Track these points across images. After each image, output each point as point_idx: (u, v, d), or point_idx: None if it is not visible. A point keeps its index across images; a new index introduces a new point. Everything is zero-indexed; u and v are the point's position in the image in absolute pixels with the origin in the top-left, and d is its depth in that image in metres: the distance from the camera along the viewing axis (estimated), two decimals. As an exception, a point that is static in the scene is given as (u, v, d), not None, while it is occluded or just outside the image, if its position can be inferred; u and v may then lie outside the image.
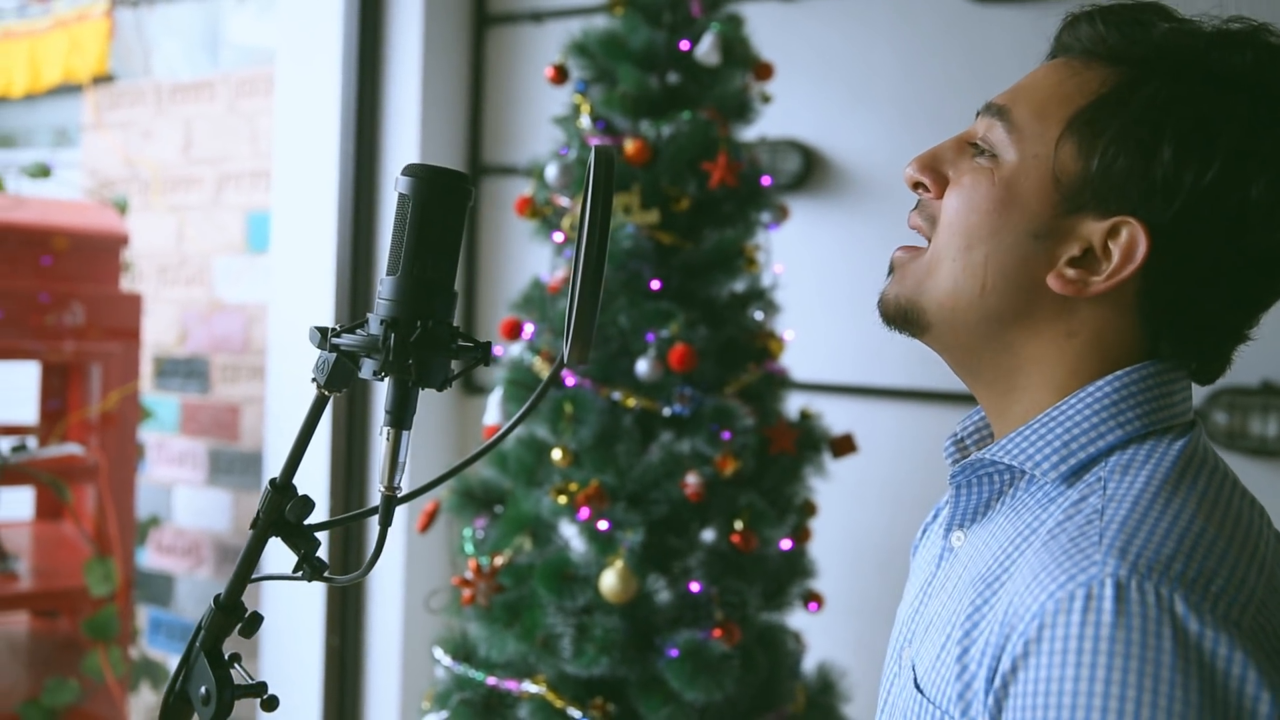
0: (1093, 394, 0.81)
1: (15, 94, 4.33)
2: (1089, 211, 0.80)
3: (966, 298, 0.83)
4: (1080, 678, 0.67)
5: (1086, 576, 0.70)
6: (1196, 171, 0.76)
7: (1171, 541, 0.71)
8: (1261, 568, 0.74)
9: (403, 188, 0.89)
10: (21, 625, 3.43)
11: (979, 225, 0.82)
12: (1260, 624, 0.70)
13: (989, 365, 0.86)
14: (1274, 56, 0.79)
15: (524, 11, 2.98)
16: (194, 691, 1.02)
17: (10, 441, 2.98)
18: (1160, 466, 0.78)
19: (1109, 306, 0.81)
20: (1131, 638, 0.67)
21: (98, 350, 3.01)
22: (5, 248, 2.92)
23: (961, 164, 0.85)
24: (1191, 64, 0.79)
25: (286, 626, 3.07)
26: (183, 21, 3.94)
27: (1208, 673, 0.66)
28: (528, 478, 2.00)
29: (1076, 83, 0.82)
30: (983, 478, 0.87)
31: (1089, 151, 0.79)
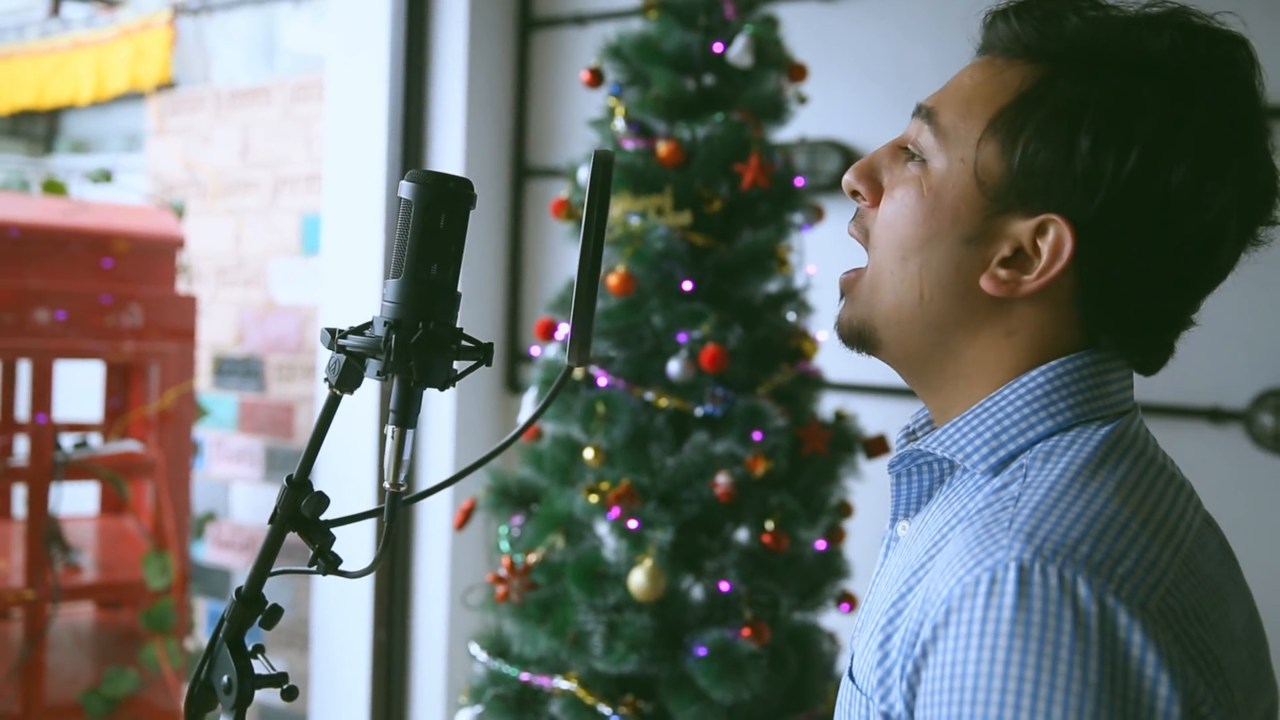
0: (1025, 384, 0.81)
1: (83, 101, 4.47)
2: (1016, 211, 0.80)
3: (909, 310, 0.84)
4: (981, 660, 0.68)
5: (992, 561, 0.70)
6: (1115, 163, 0.76)
7: (1081, 525, 0.71)
8: (1177, 550, 0.73)
9: (405, 193, 0.91)
10: (87, 616, 3.55)
11: (911, 236, 0.83)
12: (1170, 605, 0.69)
13: (935, 371, 0.86)
14: (1191, 37, 0.78)
15: (567, 15, 3.01)
16: (217, 681, 1.05)
17: (73, 439, 3.08)
18: (1081, 453, 0.78)
19: (1045, 303, 0.81)
20: (1032, 619, 0.67)
21: (156, 350, 3.10)
22: (69, 251, 3.02)
23: (896, 171, 0.85)
24: (1107, 54, 0.78)
25: (336, 622, 3.13)
26: (241, 29, 4.03)
27: (1108, 654, 0.66)
28: (562, 476, 2.02)
29: (999, 82, 0.81)
30: (921, 467, 0.87)
31: (1010, 151, 0.79)
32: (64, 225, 3.04)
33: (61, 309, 2.95)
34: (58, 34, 4.57)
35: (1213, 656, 0.70)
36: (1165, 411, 2.29)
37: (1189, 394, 2.28)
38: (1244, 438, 2.23)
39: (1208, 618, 0.72)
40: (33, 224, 3.00)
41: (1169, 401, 2.29)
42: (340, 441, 3.16)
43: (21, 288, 2.91)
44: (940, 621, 0.71)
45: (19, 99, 4.71)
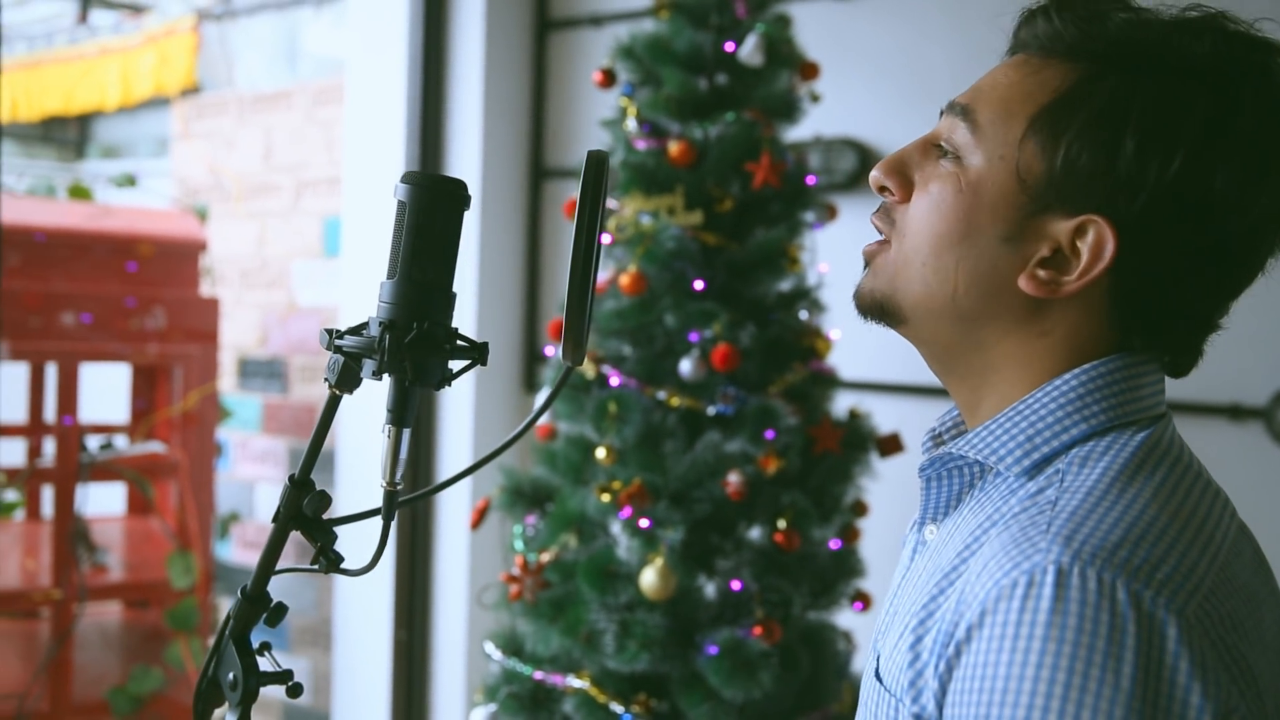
0: (1059, 387, 0.81)
1: (110, 107, 4.53)
2: (1056, 211, 0.79)
3: (939, 300, 0.83)
4: (1014, 661, 0.67)
5: (1030, 564, 0.70)
6: (1160, 166, 0.75)
7: (1119, 530, 0.71)
8: (1214, 558, 0.73)
9: (400, 195, 0.92)
10: (114, 615, 3.60)
11: (948, 232, 0.82)
12: (1207, 612, 0.69)
13: (962, 362, 0.86)
14: (1231, 43, 0.78)
15: (584, 15, 3.02)
16: (223, 677, 1.06)
17: (99, 440, 3.12)
18: (1118, 459, 0.77)
19: (1080, 304, 0.81)
20: (1068, 623, 0.67)
21: (179, 352, 3.14)
22: (94, 255, 3.06)
23: (927, 167, 0.84)
24: (1149, 56, 0.78)
25: (357, 622, 3.16)
26: (264, 33, 4.07)
27: (1143, 659, 0.66)
28: (575, 476, 2.03)
29: (1037, 80, 0.81)
30: (952, 471, 0.87)
31: (1052, 151, 0.78)
32: (89, 229, 3.08)
33: (87, 312, 3.00)
34: (85, 41, 4.63)
35: (1246, 665, 0.70)
36: (1185, 409, 2.27)
37: (1209, 391, 2.26)
38: (1264, 435, 2.21)
39: (1243, 626, 0.71)
40: (58, 228, 3.05)
41: (1189, 399, 2.27)
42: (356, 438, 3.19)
43: (48, 291, 2.95)
44: (975, 622, 0.71)
45: (48, 105, 4.78)
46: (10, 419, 3.47)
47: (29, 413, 3.38)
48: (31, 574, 3.11)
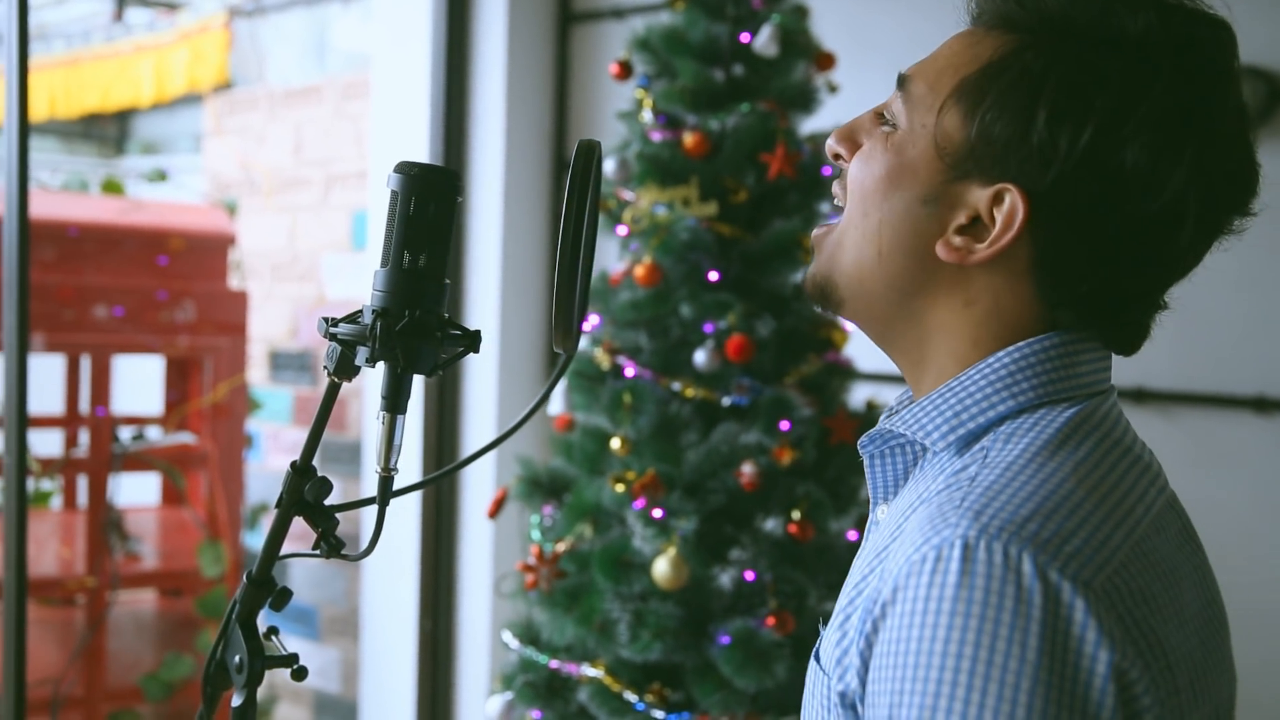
0: (990, 364, 0.81)
1: (145, 104, 4.60)
2: (974, 179, 0.80)
3: (868, 266, 0.84)
4: (923, 637, 0.68)
5: (940, 539, 0.70)
6: (1070, 137, 0.75)
7: (1031, 504, 0.71)
8: (1130, 532, 0.73)
9: (393, 184, 0.94)
10: (149, 604, 3.66)
11: (873, 190, 0.84)
12: (1115, 585, 0.70)
13: (899, 335, 0.87)
14: (1168, 17, 0.78)
15: (605, 8, 3.02)
16: (230, 660, 1.08)
17: (130, 431, 3.18)
18: (1043, 434, 0.77)
19: (1002, 274, 0.81)
20: (974, 596, 0.67)
21: (209, 344, 3.18)
22: (125, 249, 3.12)
23: (874, 134, 0.86)
24: (1080, 29, 0.78)
25: (384, 611, 3.19)
26: (294, 29, 4.12)
27: (1049, 630, 0.66)
28: (591, 466, 2.04)
29: (972, 53, 0.82)
30: (895, 450, 0.88)
31: (970, 118, 0.79)
32: (121, 224, 3.13)
33: (119, 305, 3.05)
34: (121, 39, 4.70)
35: (1156, 638, 0.70)
36: (1210, 401, 2.25)
37: (1234, 383, 2.23)
38: (1290, 427, 2.18)
39: (1155, 600, 0.72)
40: (91, 223, 3.10)
41: (1214, 390, 2.24)
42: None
43: (81, 284, 3.01)
44: (888, 599, 0.72)
45: (86, 102, 4.86)
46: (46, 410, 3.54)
47: (65, 404, 3.45)
48: (67, 562, 3.17)
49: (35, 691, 2.89)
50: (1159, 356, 2.42)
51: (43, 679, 2.92)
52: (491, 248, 3.00)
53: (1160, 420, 2.27)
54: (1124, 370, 2.29)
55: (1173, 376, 2.27)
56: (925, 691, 0.68)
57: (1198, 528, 0.87)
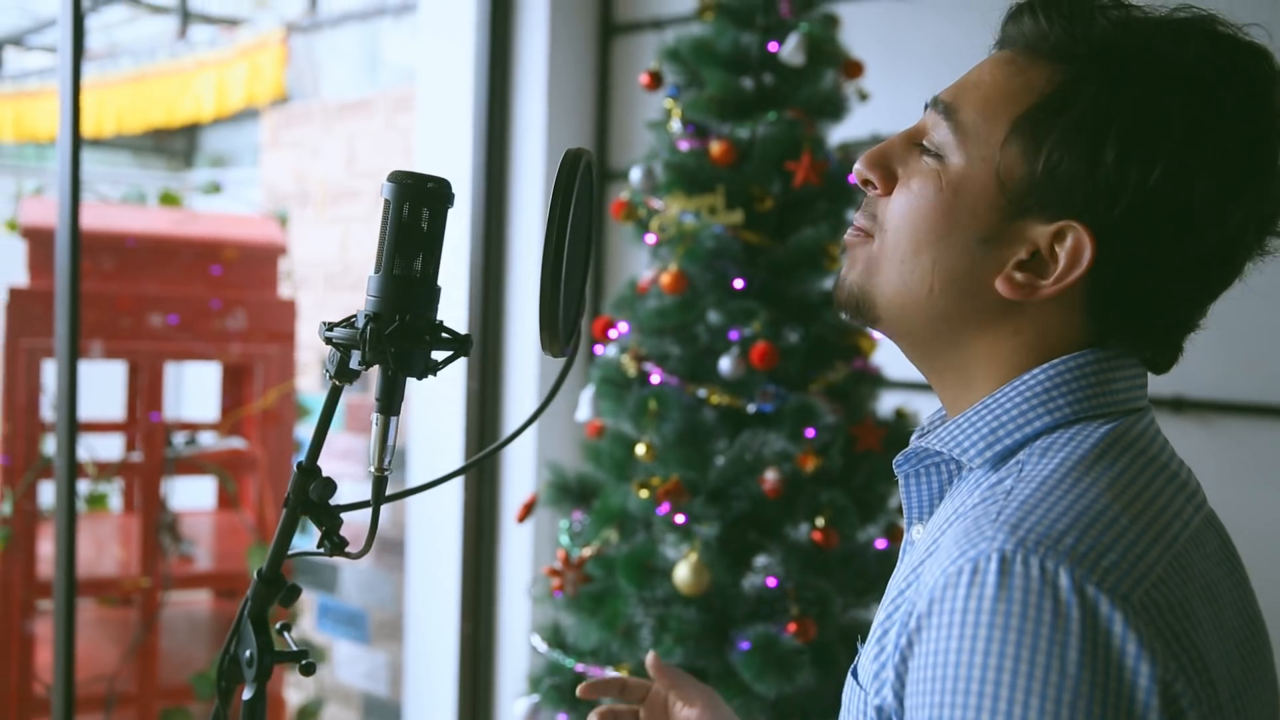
0: (1026, 381, 0.81)
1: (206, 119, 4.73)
2: (1035, 215, 0.79)
3: (914, 299, 0.83)
4: (961, 650, 0.68)
5: (976, 551, 0.70)
6: (1140, 174, 0.75)
7: (1068, 518, 0.71)
8: (1168, 546, 0.73)
9: (385, 193, 0.97)
10: (204, 605, 3.76)
11: (926, 231, 0.82)
12: (1155, 599, 0.69)
13: (938, 356, 0.86)
14: (1218, 47, 0.77)
15: (646, 19, 3.05)
16: (242, 655, 1.12)
17: (183, 436, 3.27)
18: (1079, 449, 0.77)
19: (1055, 307, 0.81)
20: (1012, 610, 0.67)
21: (259, 352, 3.27)
22: (181, 259, 3.21)
23: (910, 162, 0.85)
24: (1135, 60, 0.77)
25: (427, 615, 3.24)
26: (348, 44, 4.21)
27: (1088, 644, 0.66)
28: (619, 472, 2.06)
29: (1022, 81, 0.80)
30: (930, 469, 0.87)
31: (1034, 155, 0.78)
32: (176, 235, 3.23)
33: (173, 313, 3.14)
34: (184, 55, 4.84)
35: (1197, 653, 0.70)
36: (1252, 410, 2.20)
37: (1276, 392, 2.18)
38: (1333, 438, 2.13)
39: (1195, 614, 0.71)
40: (147, 234, 3.20)
41: (1256, 400, 2.20)
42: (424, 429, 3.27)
43: (138, 293, 3.11)
44: (924, 612, 0.72)
45: (151, 117, 5.01)
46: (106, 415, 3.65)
47: (126, 409, 3.56)
48: (125, 563, 3.27)
49: (91, 688, 2.99)
50: (1199, 366, 2.37)
51: (98, 676, 3.02)
52: (534, 255, 3.04)
53: (1199, 430, 2.23)
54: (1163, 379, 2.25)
55: (1213, 386, 2.23)
56: (966, 705, 0.67)
57: (1236, 539, 0.86)
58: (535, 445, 3.02)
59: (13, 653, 3.00)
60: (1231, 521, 0.87)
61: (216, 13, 5.05)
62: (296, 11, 4.35)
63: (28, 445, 2.98)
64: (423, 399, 3.32)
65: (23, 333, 2.95)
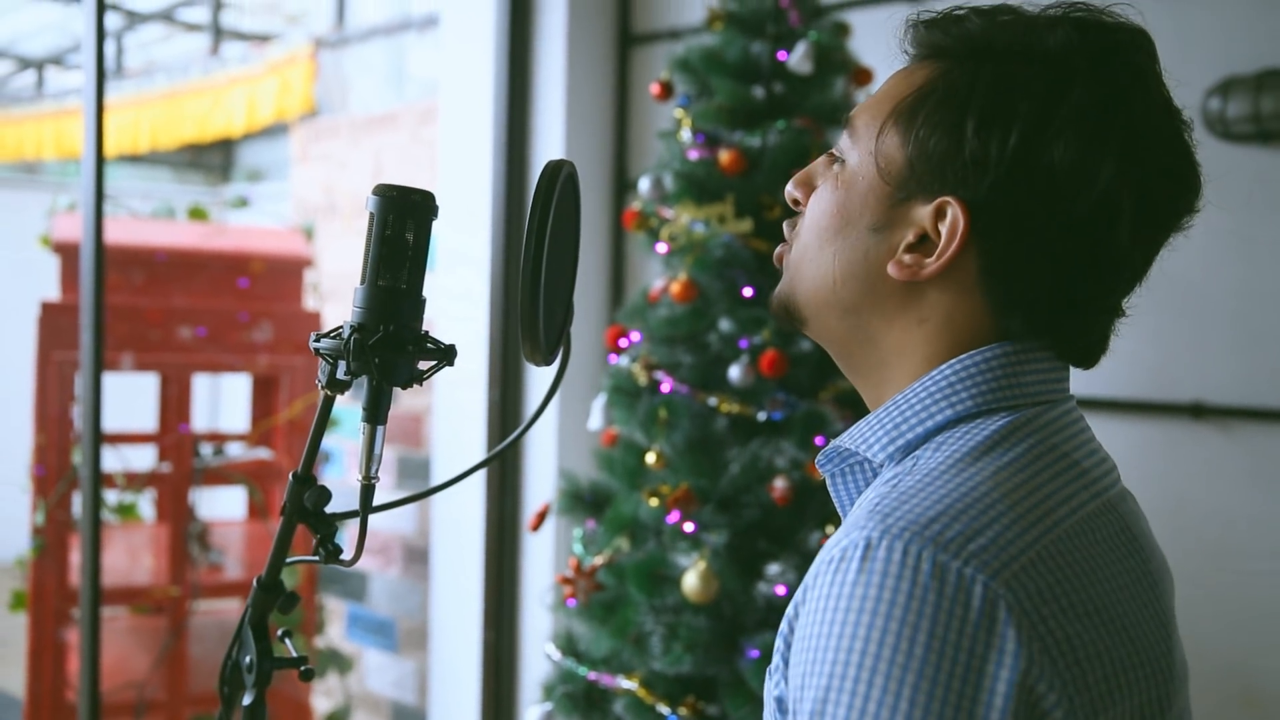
0: (934, 377, 0.83)
1: (236, 133, 4.80)
2: (917, 198, 0.82)
3: (824, 293, 0.87)
4: (820, 634, 0.71)
5: (848, 540, 0.73)
6: (999, 143, 0.78)
7: (939, 506, 0.73)
8: (1045, 533, 0.74)
9: (370, 206, 0.98)
10: (233, 614, 3.81)
11: (827, 226, 0.87)
12: (1021, 583, 0.70)
13: (858, 357, 0.89)
14: (1083, 30, 0.80)
15: (664, 30, 3.07)
16: (243, 661, 1.14)
17: (210, 446, 3.32)
18: (970, 442, 0.79)
19: (952, 288, 0.83)
20: (868, 593, 0.69)
21: (286, 363, 3.31)
22: (209, 271, 3.27)
23: (826, 175, 0.90)
24: (1003, 49, 0.81)
25: (451, 624, 3.26)
26: (374, 58, 4.26)
27: (940, 629, 0.68)
28: (630, 480, 2.07)
29: (907, 83, 0.85)
30: (854, 468, 0.89)
31: (906, 140, 0.82)
32: (204, 249, 3.28)
33: (201, 325, 3.19)
34: (216, 71, 4.92)
35: (1063, 636, 0.71)
36: (1273, 416, 2.17)
37: None
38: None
39: (1066, 598, 0.72)
40: (176, 248, 3.26)
41: (1275, 406, 2.17)
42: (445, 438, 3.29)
43: (167, 306, 3.16)
44: (800, 600, 0.75)
45: (184, 133, 5.10)
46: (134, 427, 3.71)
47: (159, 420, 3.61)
48: (156, 572, 3.32)
49: (121, 695, 3.03)
50: (1219, 371, 2.35)
51: (128, 683, 3.07)
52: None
53: (1219, 436, 2.20)
54: (1183, 385, 2.23)
55: (1234, 391, 2.21)
56: (818, 685, 0.70)
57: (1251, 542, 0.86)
58: (555, 454, 3.04)
59: (46, 660, 3.06)
60: (1251, 528, 0.86)
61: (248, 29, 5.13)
62: (325, 27, 4.41)
63: (60, 456, 3.04)
64: (445, 410, 3.35)
65: (55, 345, 3.01)
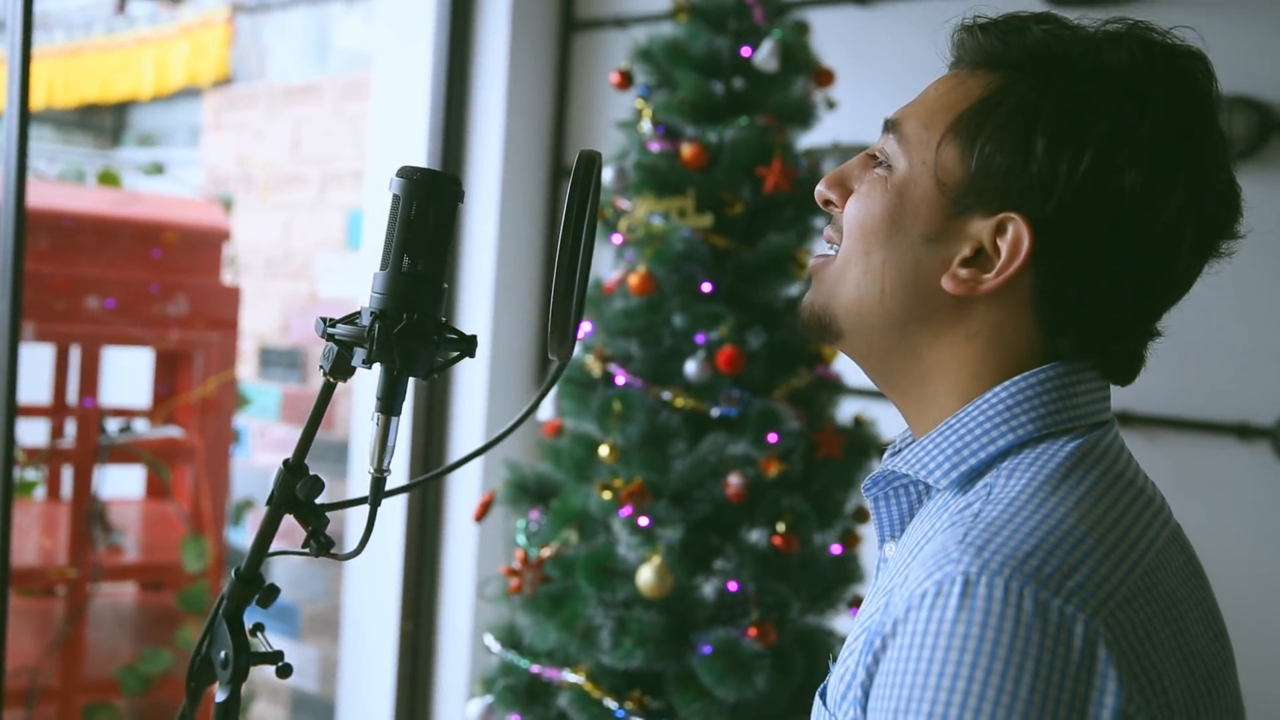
0: (989, 400, 0.82)
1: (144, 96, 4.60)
2: (976, 211, 0.81)
3: (869, 303, 0.85)
4: (918, 671, 0.69)
5: (941, 574, 0.71)
6: (1070, 164, 0.77)
7: (1033, 540, 0.71)
8: (1134, 566, 0.74)
9: (395, 188, 0.94)
10: (129, 596, 3.65)
11: (874, 230, 0.85)
12: (1118, 620, 0.70)
13: (899, 372, 0.87)
14: (1148, 51, 0.80)
15: (608, 17, 3.04)
16: (215, 656, 1.09)
17: (118, 423, 3.17)
18: (1045, 469, 0.78)
19: (1004, 305, 0.82)
20: (970, 631, 0.68)
21: (200, 339, 3.18)
22: (120, 241, 3.11)
23: (863, 176, 0.88)
24: (1065, 63, 0.80)
25: (365, 611, 3.19)
26: (296, 27, 4.12)
27: (1044, 668, 0.67)
28: (579, 473, 2.05)
29: (962, 90, 0.84)
30: (899, 489, 0.89)
31: (969, 153, 0.81)
32: (116, 215, 3.13)
33: (111, 297, 3.05)
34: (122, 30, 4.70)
35: (1156, 674, 0.71)
36: (1194, 427, 2.26)
37: (1218, 410, 2.25)
38: (1271, 455, 2.20)
39: (1157, 635, 0.72)
40: (86, 214, 3.10)
41: (1198, 417, 2.26)
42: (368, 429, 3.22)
43: (74, 275, 3.00)
44: (889, 634, 0.72)
45: (85, 93, 4.85)
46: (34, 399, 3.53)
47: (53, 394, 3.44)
48: (49, 553, 3.16)
49: (12, 682, 2.88)
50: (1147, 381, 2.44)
51: (19, 669, 2.91)
52: (486, 252, 3.01)
53: (1145, 444, 2.29)
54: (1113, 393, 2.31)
55: (1160, 401, 2.29)
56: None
57: None
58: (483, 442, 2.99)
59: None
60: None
61: (157, -12, 4.91)
62: (243, -9, 4.25)
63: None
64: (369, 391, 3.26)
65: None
